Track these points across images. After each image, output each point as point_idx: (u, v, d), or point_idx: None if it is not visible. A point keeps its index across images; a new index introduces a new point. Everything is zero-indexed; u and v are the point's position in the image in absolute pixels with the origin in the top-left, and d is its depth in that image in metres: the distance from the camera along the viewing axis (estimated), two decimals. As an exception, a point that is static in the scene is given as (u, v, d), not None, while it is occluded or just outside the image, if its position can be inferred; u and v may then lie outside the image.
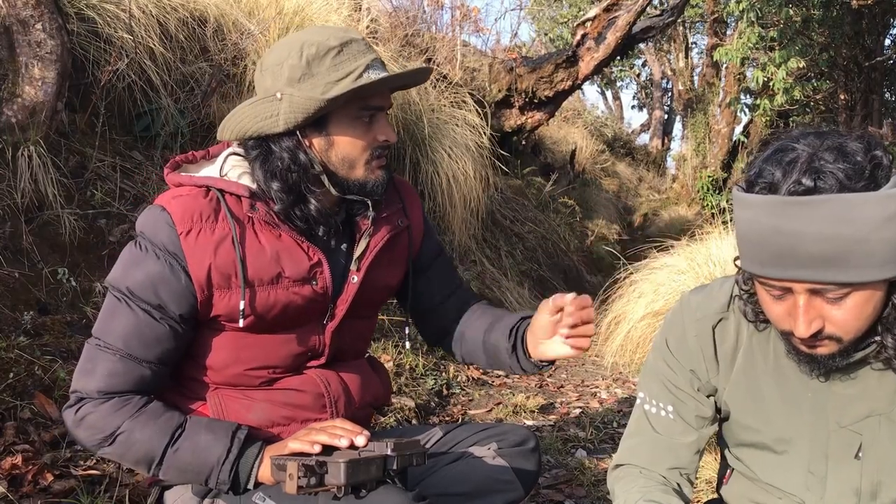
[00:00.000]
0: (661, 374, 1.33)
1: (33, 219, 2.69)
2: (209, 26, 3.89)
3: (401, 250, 1.63)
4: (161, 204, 1.41)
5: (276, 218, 1.43)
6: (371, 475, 1.26)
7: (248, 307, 1.40)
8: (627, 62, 17.99)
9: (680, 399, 1.31)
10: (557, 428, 3.03)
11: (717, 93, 12.74)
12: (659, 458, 1.31)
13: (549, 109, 7.21)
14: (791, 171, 1.00)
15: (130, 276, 1.38)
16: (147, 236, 1.39)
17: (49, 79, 2.86)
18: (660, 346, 1.34)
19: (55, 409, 2.11)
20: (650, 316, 4.15)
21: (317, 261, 1.46)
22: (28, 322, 2.35)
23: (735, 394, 1.28)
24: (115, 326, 1.37)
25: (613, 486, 1.34)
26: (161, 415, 1.37)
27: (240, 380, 1.48)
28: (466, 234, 5.48)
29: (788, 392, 1.22)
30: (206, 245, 1.38)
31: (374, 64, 1.41)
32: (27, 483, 1.81)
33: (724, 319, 1.27)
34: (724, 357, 1.28)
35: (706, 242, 4.43)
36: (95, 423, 1.36)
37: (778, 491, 1.28)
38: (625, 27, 6.88)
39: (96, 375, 1.36)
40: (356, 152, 1.43)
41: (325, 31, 1.42)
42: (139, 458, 1.37)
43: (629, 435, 1.38)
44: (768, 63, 8.99)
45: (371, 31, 5.08)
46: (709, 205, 11.80)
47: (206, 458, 1.34)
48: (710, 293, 1.30)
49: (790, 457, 1.25)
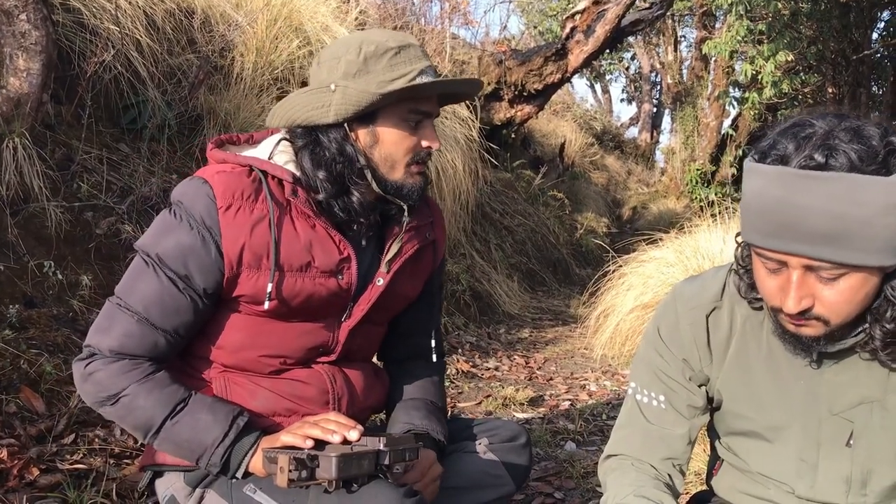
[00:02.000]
0: (652, 363, 1.33)
1: (19, 211, 2.67)
2: (196, 18, 3.86)
3: (425, 264, 1.64)
4: (203, 176, 1.41)
5: (315, 208, 1.43)
6: (363, 470, 1.26)
7: (274, 290, 1.41)
8: (616, 55, 17.99)
9: (671, 389, 1.31)
10: (547, 420, 3.04)
11: (705, 86, 12.77)
12: (651, 448, 1.31)
13: (538, 102, 7.21)
14: (804, 146, 1.00)
15: (162, 243, 1.38)
16: (185, 206, 1.39)
17: (34, 70, 2.82)
18: (651, 335, 1.34)
19: (41, 403, 2.10)
20: (639, 308, 4.16)
21: (346, 255, 1.47)
22: (13, 315, 2.33)
23: (727, 382, 1.28)
24: (139, 289, 1.38)
25: (605, 478, 1.33)
26: (167, 385, 1.38)
27: (251, 365, 1.48)
28: (456, 227, 5.48)
29: (781, 379, 1.22)
30: (243, 223, 1.38)
31: (427, 70, 1.44)
32: (13, 477, 1.80)
33: (717, 308, 1.27)
34: (718, 346, 1.28)
35: (695, 235, 4.44)
36: (102, 381, 1.36)
37: (768, 480, 1.28)
38: (614, 20, 6.88)
39: (111, 334, 1.37)
40: (399, 153, 1.45)
41: (385, 34, 1.46)
42: (138, 423, 1.38)
43: (620, 425, 1.38)
44: (757, 56, 9.02)
45: (360, 22, 5.05)
46: (697, 198, 11.85)
47: (203, 438, 1.35)
48: (704, 283, 1.30)
49: (781, 445, 1.25)
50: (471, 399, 3.34)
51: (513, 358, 4.23)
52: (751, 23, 8.95)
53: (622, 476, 1.29)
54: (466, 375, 3.68)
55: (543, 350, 4.56)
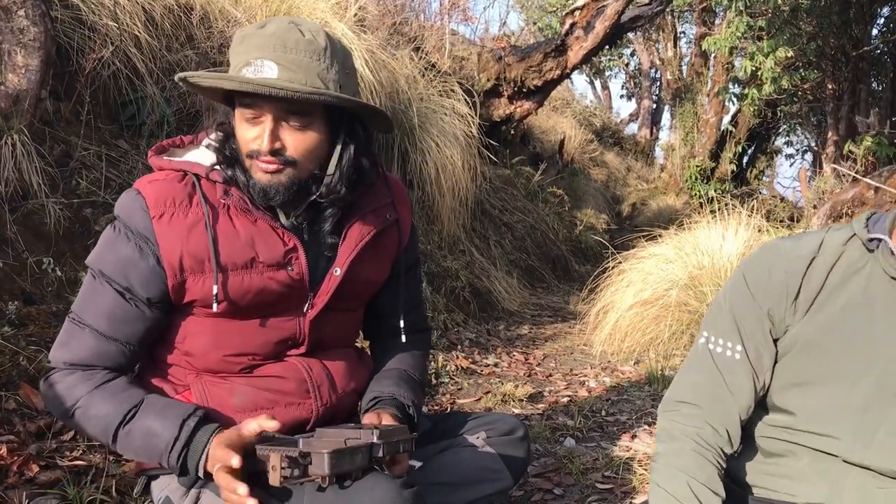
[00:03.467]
0: (735, 311, 1.33)
1: (17, 208, 2.66)
2: (195, 14, 3.85)
3: (388, 247, 1.62)
4: (137, 188, 1.43)
5: (250, 203, 1.42)
6: (356, 464, 1.25)
7: (221, 291, 1.41)
8: (616, 51, 17.98)
9: (749, 339, 1.32)
10: (546, 416, 3.04)
11: (705, 82, 12.76)
12: (720, 399, 1.32)
13: (537, 99, 7.20)
14: None
15: (105, 258, 1.42)
16: (122, 219, 1.42)
17: (32, 66, 2.82)
18: (737, 285, 1.34)
19: (40, 399, 2.09)
20: (638, 305, 4.16)
21: (292, 246, 1.45)
22: (13, 312, 2.33)
23: (808, 326, 1.28)
24: (91, 304, 1.42)
25: (662, 443, 1.34)
26: (119, 393, 1.39)
27: (220, 366, 1.48)
28: (455, 223, 5.47)
29: (871, 328, 1.22)
30: (178, 229, 1.39)
31: (257, 63, 1.34)
32: (12, 474, 1.79)
33: (815, 258, 1.27)
34: (806, 296, 1.28)
35: (694, 232, 4.45)
36: (58, 394, 1.39)
37: (817, 438, 1.27)
38: (613, 16, 6.87)
39: (68, 348, 1.42)
40: (241, 144, 1.41)
41: (275, 20, 1.40)
42: (96, 433, 1.40)
43: (690, 371, 1.38)
44: (756, 52, 9.01)
45: (359, 19, 5.04)
46: (697, 194, 11.85)
47: (156, 444, 1.36)
48: (800, 239, 1.31)
49: (849, 394, 1.24)
50: (470, 395, 3.34)
51: (512, 354, 4.23)
52: (750, 19, 8.94)
53: (676, 456, 1.29)
54: (466, 372, 3.68)
55: (543, 346, 4.55)
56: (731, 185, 12.46)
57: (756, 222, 4.34)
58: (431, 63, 5.81)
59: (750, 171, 14.02)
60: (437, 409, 3.15)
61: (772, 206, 9.89)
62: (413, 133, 5.01)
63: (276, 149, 1.36)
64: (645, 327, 4.10)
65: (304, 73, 1.34)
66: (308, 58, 1.35)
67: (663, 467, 1.29)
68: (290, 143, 1.38)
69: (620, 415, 3.11)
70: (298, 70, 1.34)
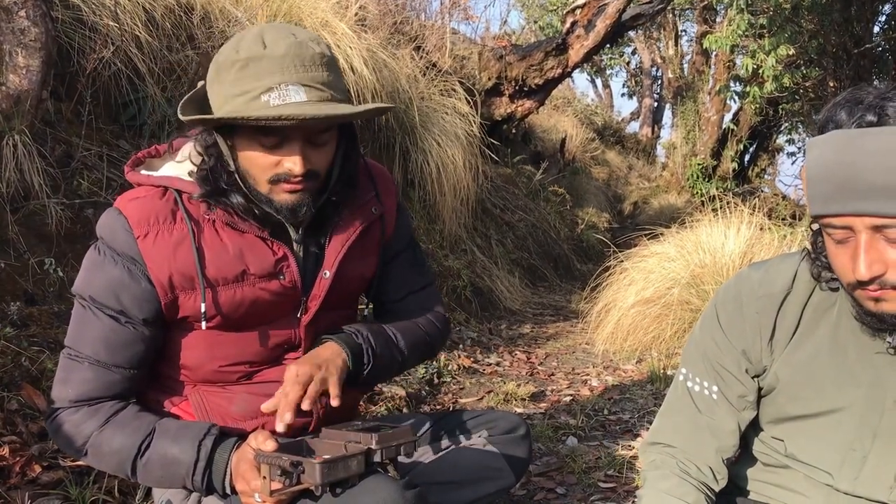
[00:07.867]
0: (708, 352, 1.30)
1: (19, 208, 2.66)
2: (196, 14, 3.85)
3: (373, 239, 1.59)
4: (118, 207, 1.38)
5: (235, 216, 1.39)
6: (351, 471, 1.23)
7: (211, 308, 1.38)
8: (617, 50, 17.96)
9: (725, 381, 1.29)
10: (548, 416, 3.03)
11: (706, 80, 12.75)
12: (700, 440, 1.30)
13: (538, 97, 7.20)
14: (856, 111, 1.03)
15: (93, 283, 1.37)
16: (106, 241, 1.37)
17: (33, 67, 2.82)
18: (710, 322, 1.31)
19: (42, 400, 2.09)
20: (640, 303, 4.16)
21: (282, 255, 1.43)
22: (15, 313, 2.33)
23: (787, 365, 1.25)
24: (84, 334, 1.37)
25: (647, 471, 1.32)
26: (129, 424, 1.37)
27: (217, 376, 1.46)
28: (457, 222, 5.47)
29: (846, 365, 1.20)
30: (164, 248, 1.35)
31: (282, 87, 1.27)
32: (15, 475, 1.80)
33: (788, 295, 1.24)
34: (782, 335, 1.25)
35: (696, 230, 4.44)
36: (67, 434, 1.36)
37: (808, 468, 1.26)
38: (614, 15, 6.86)
39: (69, 385, 1.37)
40: (256, 172, 1.34)
41: (248, 37, 1.31)
42: (114, 469, 1.38)
43: (670, 411, 1.35)
44: (758, 50, 9.00)
45: (360, 18, 5.04)
46: (698, 192, 11.85)
47: (177, 471, 1.34)
48: (771, 269, 1.27)
49: (834, 431, 1.22)
50: (472, 395, 3.34)
51: (514, 353, 4.23)
52: (752, 17, 8.93)
53: (663, 479, 1.27)
54: (468, 371, 3.69)
55: (545, 345, 4.55)
56: (733, 183, 12.46)
57: (758, 220, 4.34)
58: (432, 62, 5.81)
59: (751, 170, 14.03)
60: (438, 408, 3.15)
61: (773, 204, 9.89)
62: (414, 132, 5.01)
63: (308, 169, 1.33)
64: (647, 326, 4.10)
65: (330, 90, 1.31)
66: (325, 72, 1.31)
67: (651, 492, 1.27)
68: (315, 160, 1.35)
69: (623, 413, 3.11)
70: (323, 87, 1.30)
